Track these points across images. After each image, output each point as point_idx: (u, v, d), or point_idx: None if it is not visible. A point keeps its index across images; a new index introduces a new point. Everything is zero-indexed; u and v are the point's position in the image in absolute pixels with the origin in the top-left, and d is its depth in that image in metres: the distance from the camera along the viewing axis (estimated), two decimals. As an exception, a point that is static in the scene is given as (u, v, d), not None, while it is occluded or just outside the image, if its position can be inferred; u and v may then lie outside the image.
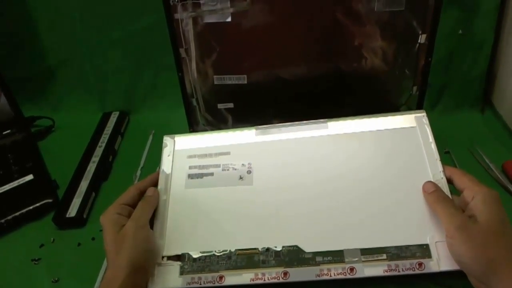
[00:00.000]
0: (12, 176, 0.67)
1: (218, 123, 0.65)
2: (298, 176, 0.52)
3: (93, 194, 0.64)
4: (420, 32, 0.57)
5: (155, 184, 0.54)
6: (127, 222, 0.47)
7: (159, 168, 0.55)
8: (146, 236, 0.47)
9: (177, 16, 0.56)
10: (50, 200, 0.63)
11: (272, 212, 0.50)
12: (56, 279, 0.53)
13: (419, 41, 0.57)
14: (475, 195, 0.43)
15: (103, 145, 0.72)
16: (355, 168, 0.51)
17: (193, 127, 0.66)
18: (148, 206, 0.50)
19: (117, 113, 0.79)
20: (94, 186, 0.65)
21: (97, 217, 0.48)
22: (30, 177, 0.67)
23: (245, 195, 0.51)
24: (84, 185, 0.64)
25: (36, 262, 0.56)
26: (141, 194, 0.51)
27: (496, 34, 0.69)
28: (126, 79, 0.79)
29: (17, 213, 0.61)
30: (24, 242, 0.59)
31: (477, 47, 0.69)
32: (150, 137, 0.74)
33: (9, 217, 0.60)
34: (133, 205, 0.50)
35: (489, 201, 0.42)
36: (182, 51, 0.58)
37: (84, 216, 0.60)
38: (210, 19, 0.56)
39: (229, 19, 0.56)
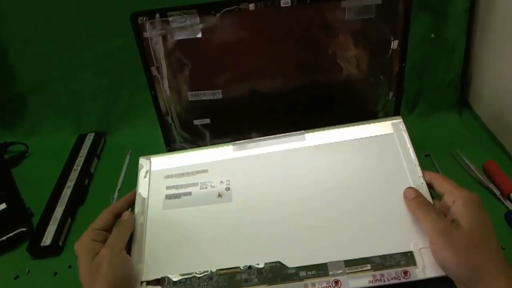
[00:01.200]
0: (-15, 206, 0.64)
1: (195, 139, 0.64)
2: (277, 190, 0.51)
3: (69, 219, 0.62)
4: (392, 39, 0.57)
5: (130, 205, 0.52)
6: (101, 249, 0.45)
7: (136, 189, 0.54)
8: (123, 262, 0.45)
9: (146, 34, 0.55)
10: (24, 229, 0.61)
11: (252, 229, 0.48)
12: (33, 312, 0.51)
13: (391, 47, 0.57)
14: (456, 199, 0.43)
15: (79, 168, 0.70)
16: (334, 179, 0.50)
17: (170, 145, 0.64)
18: (123, 231, 0.48)
19: (93, 134, 0.78)
20: (70, 211, 0.63)
21: (74, 244, 0.46)
22: (3, 206, 0.65)
23: (224, 212, 0.50)
24: (59, 211, 0.62)
25: (11, 295, 0.54)
26: (116, 217, 0.50)
27: (468, 36, 0.69)
28: (101, 100, 0.78)
29: (-10, 245, 0.58)
30: (-3, 275, 0.57)
31: (450, 50, 0.70)
32: (127, 158, 0.73)
33: (-18, 250, 0.58)
34: (108, 230, 0.48)
35: (470, 205, 0.42)
36: (153, 69, 0.57)
37: (60, 243, 0.58)
38: (180, 36, 0.55)
39: (199, 35, 0.55)
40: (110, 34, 0.71)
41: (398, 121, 0.53)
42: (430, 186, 0.48)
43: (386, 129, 0.53)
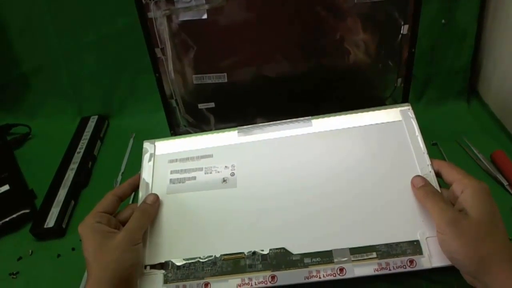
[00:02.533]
0: (-13, 188, 0.64)
1: (199, 123, 0.63)
2: (283, 176, 0.50)
3: (72, 202, 0.62)
4: (402, 23, 0.55)
5: (134, 189, 0.52)
6: (120, 233, 0.44)
7: (140, 172, 0.53)
8: (137, 252, 0.44)
9: (151, 15, 0.53)
10: (27, 211, 0.61)
11: (257, 215, 0.48)
12: (36, 293, 0.51)
13: (401, 32, 0.56)
14: (465, 188, 0.42)
15: (82, 151, 0.70)
16: (341, 166, 0.50)
17: (174, 129, 0.63)
18: (145, 217, 0.47)
19: (96, 117, 0.77)
20: (73, 194, 0.63)
21: (77, 227, 0.45)
22: (6, 187, 0.64)
23: (229, 198, 0.50)
24: (62, 193, 0.62)
25: (14, 276, 0.54)
26: (120, 200, 0.49)
27: (479, 23, 0.68)
28: (104, 82, 0.77)
29: (-7, 226, 0.58)
30: (1, 255, 0.57)
31: (460, 37, 0.68)
32: (131, 141, 0.72)
33: (-15, 231, 0.58)
34: (111, 213, 0.47)
35: (479, 195, 0.41)
36: (158, 51, 0.56)
37: (63, 226, 0.58)
38: (185, 16, 0.54)
39: (205, 16, 0.54)
40: (114, 14, 0.70)
41: (407, 108, 0.52)
42: (438, 175, 0.47)
43: (395, 116, 0.52)
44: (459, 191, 0.42)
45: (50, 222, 0.58)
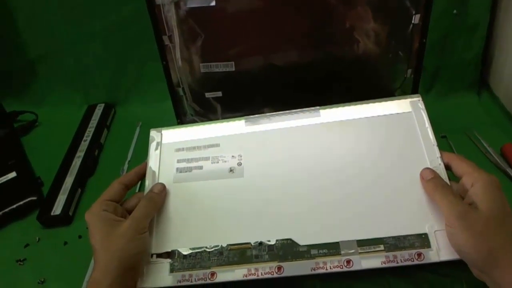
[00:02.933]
0: (-5, 174, 0.64)
1: (206, 112, 0.63)
2: (290, 167, 0.50)
3: (79, 190, 0.62)
4: (413, 12, 0.54)
5: (141, 177, 0.52)
6: (126, 221, 0.44)
7: (146, 161, 0.53)
8: (143, 240, 0.44)
9: (158, 1, 0.53)
10: (34, 198, 0.61)
11: (264, 205, 0.48)
12: (42, 279, 0.52)
13: (412, 21, 0.55)
14: (475, 182, 0.41)
15: (88, 139, 0.70)
16: (349, 157, 0.49)
17: (180, 118, 0.63)
18: (151, 206, 0.47)
19: (102, 105, 0.77)
20: (80, 182, 0.63)
21: (84, 214, 0.46)
22: (13, 174, 0.64)
23: (236, 188, 0.49)
24: (69, 181, 0.62)
25: (21, 263, 0.54)
26: (126, 188, 0.49)
27: (492, 14, 0.66)
28: (110, 70, 0.77)
29: (0, 213, 0.59)
30: (8, 242, 0.57)
31: (472, 28, 0.67)
32: (137, 129, 0.72)
33: (-8, 217, 0.58)
34: (118, 201, 0.47)
35: (490, 188, 0.41)
36: (165, 38, 0.56)
37: (70, 213, 0.59)
38: (193, 3, 0.53)
39: (213, 3, 0.53)
40: (121, 2, 0.70)
41: (417, 99, 0.51)
42: (448, 168, 0.46)
43: (404, 107, 0.51)
44: (469, 184, 0.42)
45: (57, 209, 0.58)
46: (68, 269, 0.52)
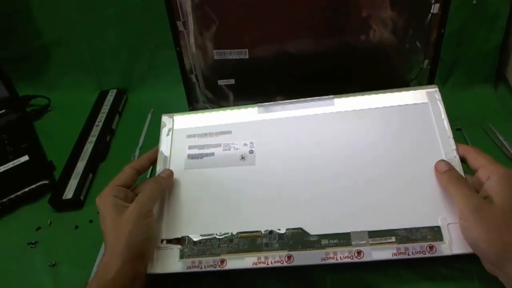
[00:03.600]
0: (7, 157, 0.65)
1: (218, 100, 0.62)
2: (302, 155, 0.49)
3: (91, 175, 0.62)
4: (433, 2, 0.53)
5: (152, 163, 0.52)
6: (130, 206, 0.44)
7: (158, 146, 0.53)
8: (149, 223, 0.44)
9: (173, -14, 0.52)
10: (46, 182, 0.61)
11: (275, 194, 0.47)
12: (54, 262, 0.52)
13: (431, 11, 0.54)
14: (491, 175, 0.41)
15: (100, 124, 0.70)
16: (363, 147, 0.49)
17: (192, 105, 0.63)
18: (156, 191, 0.47)
19: (115, 91, 0.77)
20: (92, 166, 0.63)
21: (95, 199, 0.46)
22: (25, 158, 0.65)
23: (247, 175, 0.49)
24: (81, 166, 0.62)
25: (33, 246, 0.55)
26: (138, 174, 0.49)
27: (512, 5, 0.65)
28: (123, 56, 0.77)
29: (13, 196, 0.59)
30: (20, 225, 0.58)
31: (491, 19, 0.65)
32: (149, 116, 0.72)
33: (5, 200, 0.59)
34: (129, 186, 0.47)
35: (506, 182, 0.40)
36: (179, 24, 0.55)
37: (82, 198, 0.59)
38: (208, -11, 0.53)
39: (228, -11, 0.53)
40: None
41: (434, 90, 0.50)
42: (463, 160, 0.46)
43: (421, 98, 0.50)
44: (484, 178, 0.41)
45: (69, 193, 0.58)
46: (79, 252, 0.53)
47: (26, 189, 0.60)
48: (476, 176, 0.43)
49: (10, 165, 0.64)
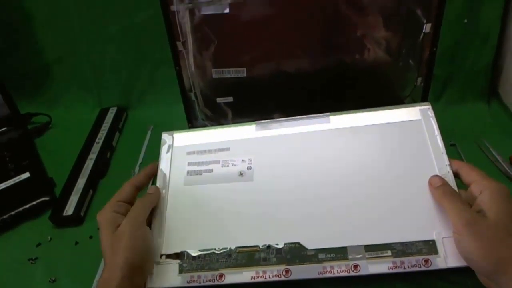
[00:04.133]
0: (9, 174, 0.65)
1: (217, 117, 0.64)
2: (299, 172, 0.50)
3: (91, 191, 0.63)
4: (424, 21, 0.55)
5: (150, 178, 0.53)
6: (123, 220, 0.45)
7: (156, 163, 0.54)
8: (143, 235, 0.45)
9: (173, 8, 0.54)
10: (47, 198, 0.62)
11: (273, 209, 0.48)
12: (54, 278, 0.52)
13: (423, 30, 0.55)
14: (483, 189, 0.42)
15: (101, 141, 0.71)
16: (358, 163, 0.50)
17: (192, 122, 0.64)
18: (146, 204, 0.48)
19: (115, 108, 0.78)
20: (92, 183, 0.64)
21: (95, 215, 0.47)
22: (26, 175, 0.65)
23: (245, 191, 0.50)
24: (81, 182, 0.63)
25: (33, 262, 0.55)
26: (137, 190, 0.50)
27: (503, 23, 0.67)
28: (124, 74, 0.78)
29: (14, 212, 0.60)
30: (20, 241, 0.58)
31: (483, 37, 0.67)
32: (149, 133, 0.73)
33: (5, 216, 0.59)
34: (129, 202, 0.48)
35: (498, 196, 0.41)
36: (179, 44, 0.57)
37: (82, 214, 0.59)
38: (207, 10, 0.54)
39: (227, 11, 0.54)
40: (136, 7, 0.71)
41: (427, 107, 0.52)
42: (456, 176, 0.46)
43: (414, 115, 0.52)
44: (477, 192, 0.42)
45: (69, 210, 0.59)
46: (79, 268, 0.53)
47: (27, 206, 0.60)
48: (469, 190, 0.44)
49: (11, 182, 0.64)
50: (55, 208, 0.60)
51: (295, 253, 0.45)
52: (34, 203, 0.61)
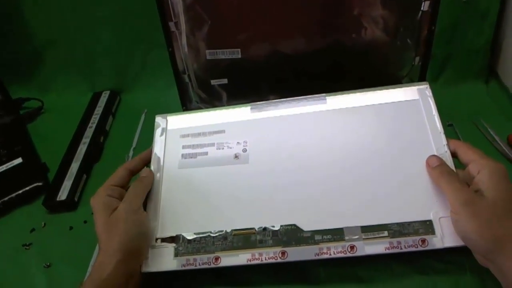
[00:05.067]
0: (1, 160, 0.65)
1: (212, 100, 0.63)
2: (295, 153, 0.50)
3: (84, 176, 0.62)
4: (422, -1, 0.54)
5: (145, 163, 0.52)
6: (119, 205, 0.45)
7: (151, 147, 0.53)
8: (139, 219, 0.45)
9: (165, -13, 0.53)
10: (40, 184, 0.61)
11: (269, 191, 0.48)
12: (48, 264, 0.52)
13: (422, 8, 0.54)
14: (481, 169, 0.41)
15: (94, 125, 0.70)
16: (355, 144, 0.49)
17: (186, 105, 0.63)
18: (141, 188, 0.48)
19: (108, 92, 0.77)
20: (85, 167, 0.63)
21: (89, 200, 0.46)
22: (19, 160, 0.65)
23: (240, 174, 0.49)
24: (74, 167, 0.62)
25: (27, 247, 0.55)
26: (131, 174, 0.49)
27: (502, 2, 0.65)
28: (116, 57, 0.77)
29: (7, 198, 0.59)
30: (14, 227, 0.58)
31: (482, 16, 0.66)
32: (143, 117, 0.72)
33: (-2, 202, 0.58)
34: (123, 186, 0.48)
35: (496, 176, 0.40)
36: (171, 24, 0.55)
37: (76, 199, 0.59)
38: (200, -11, 0.53)
39: (220, -11, 0.53)
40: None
41: (425, 86, 0.51)
42: (454, 155, 0.46)
43: (412, 95, 0.51)
44: (475, 172, 0.42)
45: (63, 195, 0.58)
46: (73, 253, 0.53)
47: (20, 191, 0.60)
48: (466, 170, 0.43)
49: (3, 167, 0.64)
50: (49, 193, 0.59)
51: (291, 235, 0.44)
52: (27, 188, 0.60)
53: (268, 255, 0.44)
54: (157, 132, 0.54)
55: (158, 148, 0.53)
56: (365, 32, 0.57)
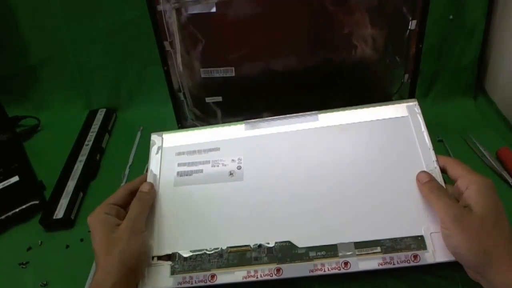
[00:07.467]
0: (-3, 178, 0.65)
1: (207, 117, 0.64)
2: (289, 170, 0.50)
3: (81, 194, 0.63)
4: (410, 18, 0.55)
5: (145, 184, 0.52)
6: (121, 224, 0.45)
7: (148, 167, 0.54)
8: (141, 240, 0.45)
9: (160, 7, 0.54)
10: (36, 202, 0.61)
11: (263, 208, 0.48)
12: (45, 282, 0.52)
13: (409, 27, 0.56)
14: (470, 184, 0.42)
15: (90, 143, 0.70)
16: (347, 161, 0.50)
17: (181, 123, 0.64)
18: (143, 205, 0.48)
19: (104, 110, 0.78)
20: (82, 185, 0.63)
21: (86, 218, 0.47)
22: (15, 178, 0.65)
23: (235, 191, 0.50)
24: (71, 185, 0.63)
25: (24, 266, 0.55)
26: (132, 194, 0.50)
27: (488, 19, 0.67)
28: (112, 75, 0.78)
29: (3, 216, 0.59)
30: (11, 246, 0.58)
31: (468, 33, 0.68)
32: (138, 134, 0.73)
33: (-5, 220, 0.59)
34: (122, 206, 0.48)
35: (484, 191, 0.41)
36: (166, 44, 0.57)
37: (72, 217, 0.59)
38: (194, 10, 0.54)
39: (213, 10, 0.54)
40: (123, 7, 0.70)
41: (413, 103, 0.52)
42: (443, 171, 0.47)
43: (401, 112, 0.52)
44: (464, 187, 0.43)
45: (59, 213, 0.59)
46: (70, 272, 0.53)
47: (17, 210, 0.60)
48: (456, 186, 0.44)
49: (0, 186, 0.64)
50: (45, 211, 0.59)
51: (286, 251, 0.45)
52: (24, 207, 0.60)
53: (263, 272, 0.44)
54: (153, 150, 0.55)
55: (153, 166, 0.54)
56: (355, 50, 0.58)
